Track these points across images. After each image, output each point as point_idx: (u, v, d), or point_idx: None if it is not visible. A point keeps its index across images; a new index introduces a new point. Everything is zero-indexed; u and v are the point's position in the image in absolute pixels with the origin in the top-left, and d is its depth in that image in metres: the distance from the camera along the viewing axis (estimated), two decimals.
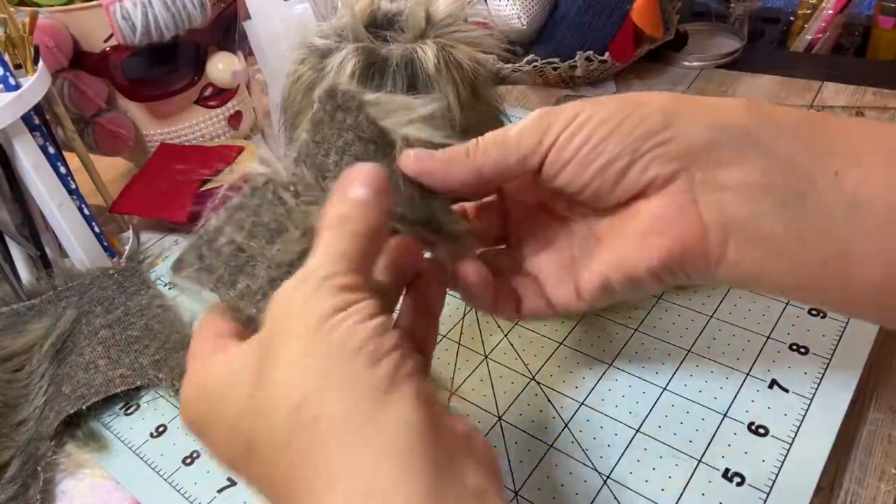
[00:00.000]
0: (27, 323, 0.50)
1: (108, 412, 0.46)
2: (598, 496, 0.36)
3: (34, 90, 0.50)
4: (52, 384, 0.46)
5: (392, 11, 0.57)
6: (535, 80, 0.78)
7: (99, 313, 0.51)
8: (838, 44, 0.86)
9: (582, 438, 0.39)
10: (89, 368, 0.46)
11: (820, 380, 0.40)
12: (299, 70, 0.54)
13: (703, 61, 0.78)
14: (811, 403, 0.39)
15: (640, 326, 0.45)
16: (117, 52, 0.63)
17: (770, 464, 0.36)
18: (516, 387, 0.43)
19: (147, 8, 0.60)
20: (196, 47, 0.67)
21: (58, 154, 0.54)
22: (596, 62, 0.73)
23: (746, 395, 0.40)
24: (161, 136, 0.70)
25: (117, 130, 0.66)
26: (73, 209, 0.54)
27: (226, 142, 0.71)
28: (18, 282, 0.53)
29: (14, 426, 0.45)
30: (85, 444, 0.44)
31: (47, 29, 0.59)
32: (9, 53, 0.51)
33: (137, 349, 0.48)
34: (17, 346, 0.49)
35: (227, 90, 0.72)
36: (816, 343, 0.42)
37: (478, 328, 0.47)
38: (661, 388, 0.41)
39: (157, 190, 0.62)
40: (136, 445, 0.43)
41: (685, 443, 0.38)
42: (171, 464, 0.42)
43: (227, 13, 0.69)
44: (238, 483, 0.40)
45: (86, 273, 0.55)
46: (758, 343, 0.43)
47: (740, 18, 0.84)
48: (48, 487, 0.42)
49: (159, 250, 0.62)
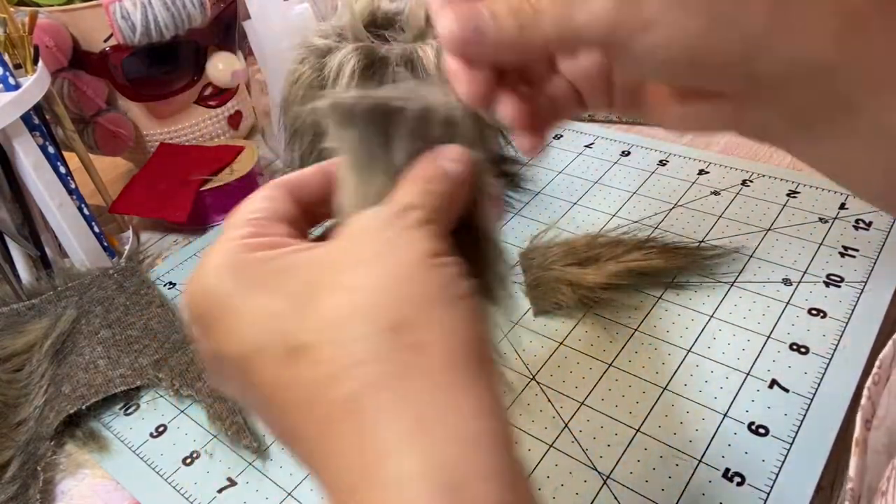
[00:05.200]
0: (27, 323, 0.50)
1: (108, 412, 0.46)
2: (598, 496, 0.36)
3: (34, 90, 0.50)
4: (52, 384, 0.46)
5: (392, 11, 0.57)
6: None
7: (99, 313, 0.51)
8: None
9: (582, 438, 0.39)
10: (89, 368, 0.46)
11: (820, 380, 0.40)
12: (299, 70, 0.54)
13: None
14: (811, 403, 0.39)
15: (640, 326, 0.45)
16: (117, 52, 0.63)
17: (770, 464, 0.36)
18: (516, 387, 0.43)
19: (147, 8, 0.60)
20: (196, 47, 0.67)
21: (58, 154, 0.54)
22: None
23: (746, 395, 0.40)
24: (161, 136, 0.70)
25: (117, 130, 0.66)
26: (73, 209, 0.54)
27: (226, 142, 0.71)
28: (18, 282, 0.53)
29: (14, 426, 0.45)
30: (85, 444, 0.44)
31: (47, 29, 0.59)
32: (9, 53, 0.51)
33: (137, 349, 0.48)
34: (17, 346, 0.49)
35: (227, 90, 0.72)
36: (816, 343, 0.42)
37: None
38: (661, 388, 0.41)
39: (157, 190, 0.62)
40: (135, 445, 0.43)
41: (685, 443, 0.38)
42: (171, 464, 0.42)
43: (227, 13, 0.69)
44: (238, 483, 0.40)
45: (86, 273, 0.55)
46: (758, 343, 0.43)
47: None
48: (48, 487, 0.42)
49: (159, 250, 0.62)
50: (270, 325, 0.21)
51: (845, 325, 0.43)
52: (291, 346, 0.20)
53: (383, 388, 0.19)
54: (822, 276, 0.47)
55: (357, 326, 0.20)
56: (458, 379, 0.20)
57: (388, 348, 0.20)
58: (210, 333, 0.22)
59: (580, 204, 0.58)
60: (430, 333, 0.20)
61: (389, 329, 0.20)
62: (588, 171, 0.61)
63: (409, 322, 0.20)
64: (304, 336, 0.20)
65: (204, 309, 0.23)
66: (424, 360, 0.20)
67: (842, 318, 0.43)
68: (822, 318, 0.44)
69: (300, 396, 0.20)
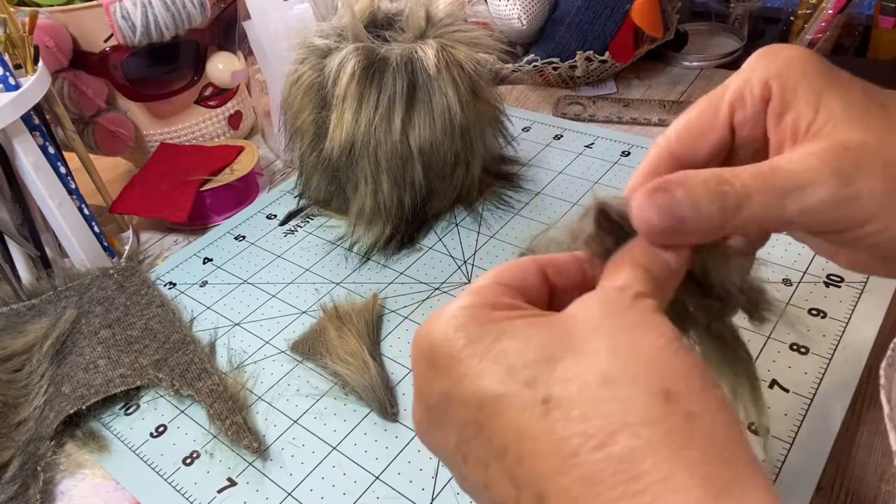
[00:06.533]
0: (27, 323, 0.50)
1: (108, 412, 0.46)
2: None
3: (34, 90, 0.50)
4: (52, 384, 0.46)
5: (392, 11, 0.57)
6: (535, 80, 0.78)
7: (99, 313, 0.51)
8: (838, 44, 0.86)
9: None
10: (89, 368, 0.46)
11: (820, 380, 0.40)
12: (299, 70, 0.55)
13: (703, 61, 0.78)
14: (811, 403, 0.39)
15: None
16: (117, 52, 0.63)
17: (770, 464, 0.36)
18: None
19: (147, 8, 0.60)
20: (196, 47, 0.67)
21: (58, 154, 0.54)
22: (596, 62, 0.73)
23: None
24: (161, 136, 0.70)
25: (117, 130, 0.67)
26: (73, 209, 0.54)
27: (226, 142, 0.71)
28: (18, 282, 0.53)
29: (14, 426, 0.45)
30: (85, 444, 0.44)
31: (47, 29, 0.59)
32: (9, 53, 0.51)
33: (137, 349, 0.48)
34: (17, 346, 0.49)
35: (227, 90, 0.72)
36: (816, 343, 0.42)
37: None
38: None
39: (157, 190, 0.62)
40: (136, 445, 0.43)
41: None
42: (171, 464, 0.42)
43: (227, 13, 0.69)
44: (238, 483, 0.40)
45: (86, 273, 0.55)
46: (758, 343, 0.43)
47: (740, 18, 0.84)
48: (48, 487, 0.42)
49: (159, 250, 0.62)
50: (519, 373, 0.20)
51: (845, 325, 0.43)
52: (544, 396, 0.20)
53: (664, 450, 0.18)
54: (822, 276, 0.47)
55: (623, 388, 0.19)
56: (743, 453, 0.19)
57: (664, 412, 0.19)
58: (444, 373, 0.22)
59: (580, 204, 0.58)
60: (700, 405, 0.19)
61: (662, 395, 0.19)
62: (588, 171, 0.61)
63: (678, 392, 0.19)
64: (556, 389, 0.20)
65: (440, 350, 0.22)
66: (703, 429, 0.19)
67: (842, 319, 0.43)
68: (822, 318, 0.44)
69: (553, 449, 0.19)
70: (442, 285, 0.52)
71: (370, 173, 0.53)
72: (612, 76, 0.77)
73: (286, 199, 0.64)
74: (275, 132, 0.67)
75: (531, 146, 0.66)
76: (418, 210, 0.55)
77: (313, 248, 0.58)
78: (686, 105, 0.69)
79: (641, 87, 0.76)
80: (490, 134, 0.58)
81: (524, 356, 0.21)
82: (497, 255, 0.54)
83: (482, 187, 0.59)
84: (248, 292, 0.54)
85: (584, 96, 0.74)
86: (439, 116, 0.51)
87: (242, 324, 0.51)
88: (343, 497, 0.38)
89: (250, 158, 0.65)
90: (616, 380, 0.19)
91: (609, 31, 0.71)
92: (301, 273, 0.55)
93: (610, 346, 0.20)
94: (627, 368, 0.20)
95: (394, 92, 0.50)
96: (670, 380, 0.19)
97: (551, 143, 0.66)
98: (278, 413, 0.44)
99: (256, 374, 0.47)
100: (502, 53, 0.58)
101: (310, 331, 0.48)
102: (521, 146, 0.66)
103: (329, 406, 0.44)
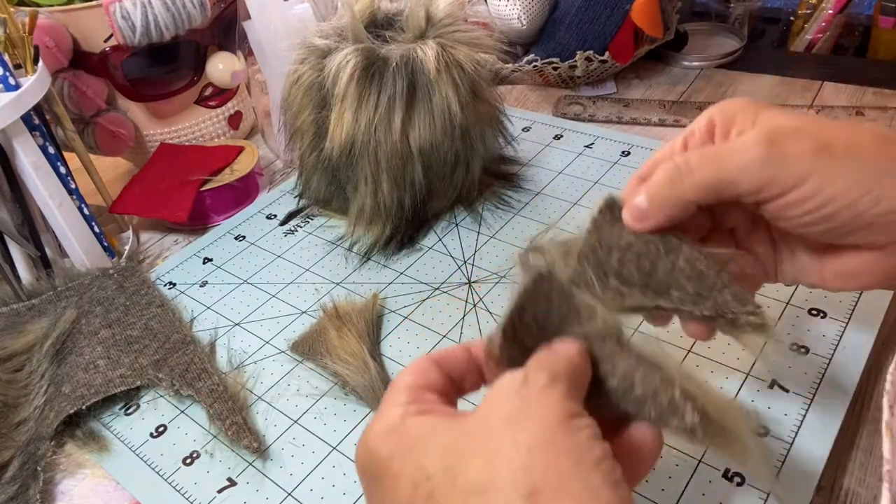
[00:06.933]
0: (27, 323, 0.50)
1: (108, 412, 0.46)
2: None
3: (34, 90, 0.50)
4: (52, 384, 0.46)
5: (392, 11, 0.57)
6: (535, 80, 0.78)
7: (99, 313, 0.51)
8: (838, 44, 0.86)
9: None
10: (89, 368, 0.46)
11: (820, 380, 0.40)
12: (299, 70, 0.55)
13: (703, 61, 0.78)
14: (811, 403, 0.39)
15: (641, 326, 0.45)
16: (117, 52, 0.63)
17: (770, 464, 0.36)
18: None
19: (147, 8, 0.60)
20: (196, 47, 0.67)
21: (58, 154, 0.54)
22: (596, 62, 0.73)
23: (746, 395, 0.40)
24: (161, 136, 0.70)
25: (117, 130, 0.67)
26: (73, 209, 0.54)
27: (226, 142, 0.71)
28: (18, 282, 0.53)
29: (14, 426, 0.45)
30: (85, 444, 0.44)
31: (47, 29, 0.59)
32: (9, 53, 0.51)
33: (137, 349, 0.48)
34: (17, 346, 0.49)
35: (227, 90, 0.72)
36: (816, 343, 0.42)
37: (478, 328, 0.47)
38: None
39: (157, 190, 0.62)
40: (136, 445, 0.43)
41: (685, 443, 0.38)
42: (171, 464, 0.42)
43: (227, 13, 0.69)
44: (238, 483, 0.40)
45: (86, 273, 0.55)
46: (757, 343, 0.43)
47: (740, 18, 0.84)
48: (48, 487, 0.42)
49: (159, 250, 0.62)
50: (424, 487, 0.24)
51: (845, 325, 0.43)
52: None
53: None
54: None
55: (497, 494, 0.22)
56: None
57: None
58: (374, 488, 0.26)
59: (580, 204, 0.58)
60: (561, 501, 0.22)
61: (526, 497, 0.22)
62: (588, 171, 0.61)
63: (541, 489, 0.22)
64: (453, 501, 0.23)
65: (369, 467, 0.26)
66: None
67: (842, 319, 0.43)
68: (822, 318, 0.44)
69: None
70: (442, 285, 0.52)
71: (370, 173, 0.53)
72: (612, 76, 0.77)
73: (286, 199, 0.64)
74: (275, 132, 0.67)
75: (531, 146, 0.66)
76: (418, 210, 0.55)
77: (313, 248, 0.58)
78: (686, 105, 0.69)
79: (641, 87, 0.76)
80: (490, 134, 0.58)
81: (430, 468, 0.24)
82: (497, 255, 0.54)
83: (482, 187, 0.59)
84: (248, 292, 0.54)
85: (584, 96, 0.74)
86: (439, 116, 0.51)
87: (242, 324, 0.51)
88: (343, 497, 0.38)
89: (250, 158, 0.65)
90: (495, 483, 0.22)
91: (609, 31, 0.71)
92: (301, 273, 0.55)
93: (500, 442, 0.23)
94: (504, 468, 0.22)
95: (394, 92, 0.50)
96: (540, 475, 0.22)
97: (551, 143, 0.66)
98: (278, 413, 0.44)
99: (256, 374, 0.47)
100: (502, 53, 0.58)
101: (310, 331, 0.49)
102: (521, 146, 0.66)
103: (329, 406, 0.44)
